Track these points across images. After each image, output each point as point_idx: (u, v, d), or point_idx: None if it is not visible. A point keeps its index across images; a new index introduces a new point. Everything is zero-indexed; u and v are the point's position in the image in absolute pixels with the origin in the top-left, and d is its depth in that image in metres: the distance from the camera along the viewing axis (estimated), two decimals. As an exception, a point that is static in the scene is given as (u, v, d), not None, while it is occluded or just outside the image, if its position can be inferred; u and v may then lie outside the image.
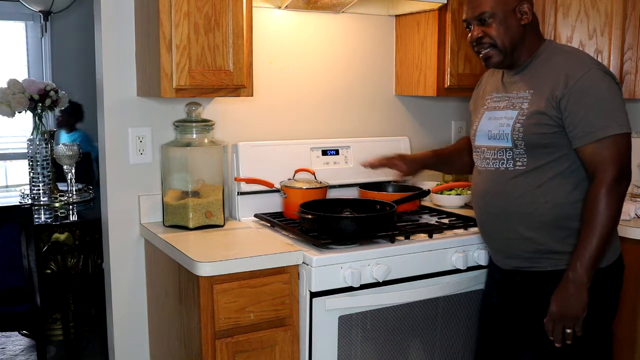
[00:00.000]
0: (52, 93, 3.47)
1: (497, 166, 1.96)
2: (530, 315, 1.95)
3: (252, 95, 2.30)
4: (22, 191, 3.61)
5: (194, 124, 2.36)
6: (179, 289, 2.12)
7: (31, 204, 3.29)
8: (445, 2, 2.58)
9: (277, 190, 2.53)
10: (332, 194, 2.65)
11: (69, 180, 3.56)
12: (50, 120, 5.10)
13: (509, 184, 1.93)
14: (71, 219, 3.25)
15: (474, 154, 2.09)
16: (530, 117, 1.86)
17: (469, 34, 1.97)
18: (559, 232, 1.88)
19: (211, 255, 1.98)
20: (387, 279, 2.11)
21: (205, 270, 1.92)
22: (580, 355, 1.89)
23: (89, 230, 3.15)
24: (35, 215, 3.18)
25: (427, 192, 2.56)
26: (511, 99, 1.95)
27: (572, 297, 1.81)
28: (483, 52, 1.93)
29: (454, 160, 2.35)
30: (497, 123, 1.96)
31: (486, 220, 2.04)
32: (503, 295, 2.05)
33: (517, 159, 1.90)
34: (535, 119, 1.85)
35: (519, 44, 1.92)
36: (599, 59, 2.58)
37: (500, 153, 1.94)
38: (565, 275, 1.83)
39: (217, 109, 2.54)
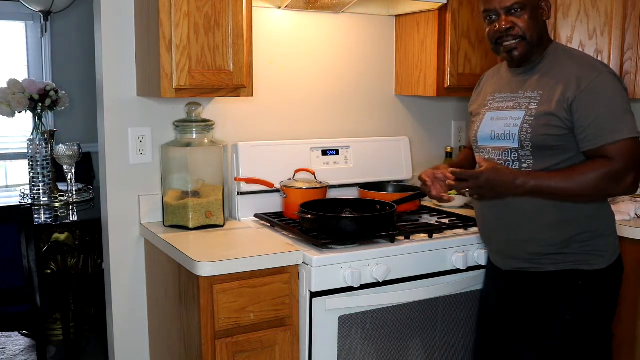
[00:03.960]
0: (52, 93, 3.47)
1: None
2: (530, 316, 1.95)
3: (252, 95, 2.30)
4: (22, 191, 3.61)
5: (194, 124, 2.36)
6: (179, 289, 2.11)
7: (31, 204, 3.29)
8: (445, 2, 2.58)
9: (277, 190, 2.53)
10: (332, 194, 2.65)
11: (69, 180, 3.56)
12: (50, 120, 5.09)
13: None
14: (71, 219, 3.25)
15: (476, 155, 2.08)
16: (539, 117, 1.85)
17: (493, 25, 1.91)
18: (563, 233, 1.88)
19: (211, 255, 1.98)
20: (387, 279, 2.11)
21: (205, 270, 1.92)
22: (579, 357, 1.89)
23: (89, 230, 3.15)
24: (35, 215, 3.18)
25: (427, 192, 2.56)
26: (517, 99, 1.93)
27: (502, 185, 1.83)
28: (508, 43, 1.89)
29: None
30: (502, 123, 1.94)
31: (488, 221, 2.03)
32: (503, 296, 2.05)
33: (523, 160, 1.89)
34: (544, 120, 1.84)
35: (540, 39, 1.91)
36: (599, 59, 2.58)
37: (505, 154, 1.93)
38: (518, 172, 1.84)
39: (217, 109, 2.54)
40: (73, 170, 3.57)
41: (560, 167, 1.85)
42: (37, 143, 3.47)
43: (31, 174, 3.50)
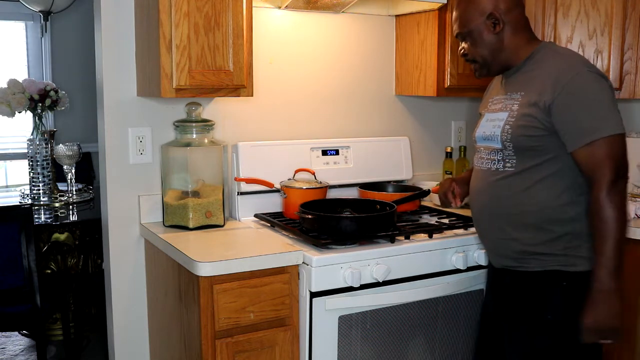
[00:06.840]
0: (52, 93, 3.47)
1: (489, 166, 1.97)
2: (517, 315, 1.96)
3: (252, 95, 2.30)
4: (22, 191, 3.61)
5: (194, 124, 2.36)
6: (179, 289, 2.12)
7: (31, 204, 3.29)
8: (445, 2, 2.58)
9: (277, 190, 2.53)
10: (332, 194, 2.65)
11: (69, 180, 3.56)
12: (50, 120, 5.09)
13: (497, 184, 1.93)
14: (71, 219, 3.25)
15: (475, 153, 2.10)
16: (519, 118, 1.87)
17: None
18: (545, 234, 1.88)
19: (211, 255, 1.98)
20: (387, 279, 2.11)
21: (205, 270, 1.92)
22: (570, 357, 1.89)
23: (89, 230, 3.16)
24: (35, 215, 3.18)
25: (427, 192, 2.56)
26: (505, 101, 1.96)
27: (603, 306, 1.79)
28: (472, 66, 2.03)
29: None
30: (491, 124, 1.97)
31: (479, 219, 2.05)
32: (495, 294, 2.06)
33: (507, 160, 1.91)
34: (523, 121, 1.85)
35: (499, 51, 1.94)
36: (599, 59, 2.58)
37: (492, 154, 1.96)
38: (592, 288, 1.80)
39: (217, 109, 2.54)
40: (73, 170, 3.57)
41: (543, 167, 1.85)
42: (37, 143, 3.47)
43: (31, 174, 3.50)
